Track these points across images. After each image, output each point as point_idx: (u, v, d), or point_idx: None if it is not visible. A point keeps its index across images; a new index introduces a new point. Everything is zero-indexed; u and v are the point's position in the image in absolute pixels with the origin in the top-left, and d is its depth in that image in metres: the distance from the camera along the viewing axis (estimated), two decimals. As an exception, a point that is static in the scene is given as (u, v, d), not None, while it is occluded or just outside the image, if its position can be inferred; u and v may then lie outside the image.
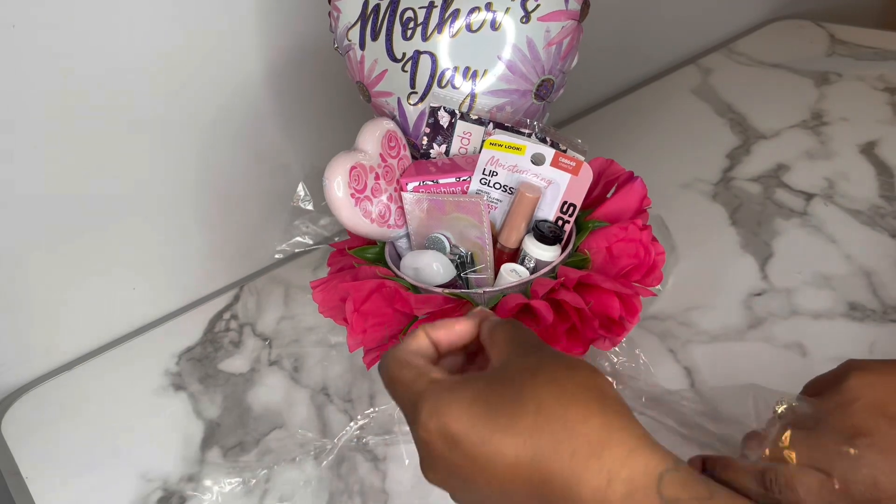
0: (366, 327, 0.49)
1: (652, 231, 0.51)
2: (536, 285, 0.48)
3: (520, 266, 0.51)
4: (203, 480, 0.56)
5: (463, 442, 0.31)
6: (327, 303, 0.53)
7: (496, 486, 0.31)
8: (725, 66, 0.99)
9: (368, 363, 0.51)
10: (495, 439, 0.30)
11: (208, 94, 0.65)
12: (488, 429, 0.31)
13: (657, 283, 0.51)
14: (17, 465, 0.60)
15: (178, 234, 0.71)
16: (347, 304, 0.49)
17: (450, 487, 0.34)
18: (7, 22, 0.53)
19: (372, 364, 0.50)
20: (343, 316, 0.52)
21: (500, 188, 0.52)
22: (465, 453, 0.31)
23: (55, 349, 0.69)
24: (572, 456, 0.29)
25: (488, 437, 0.31)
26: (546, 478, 0.30)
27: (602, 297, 0.47)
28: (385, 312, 0.50)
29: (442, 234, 0.53)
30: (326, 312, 0.53)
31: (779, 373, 0.55)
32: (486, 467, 0.31)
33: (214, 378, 0.65)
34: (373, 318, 0.49)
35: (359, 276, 0.52)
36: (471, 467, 0.31)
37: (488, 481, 0.31)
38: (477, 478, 0.31)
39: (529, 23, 0.50)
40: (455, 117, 0.53)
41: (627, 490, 0.29)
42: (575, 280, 0.48)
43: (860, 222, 0.68)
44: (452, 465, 0.32)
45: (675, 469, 0.29)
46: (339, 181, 0.48)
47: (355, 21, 0.52)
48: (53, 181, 0.61)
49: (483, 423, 0.31)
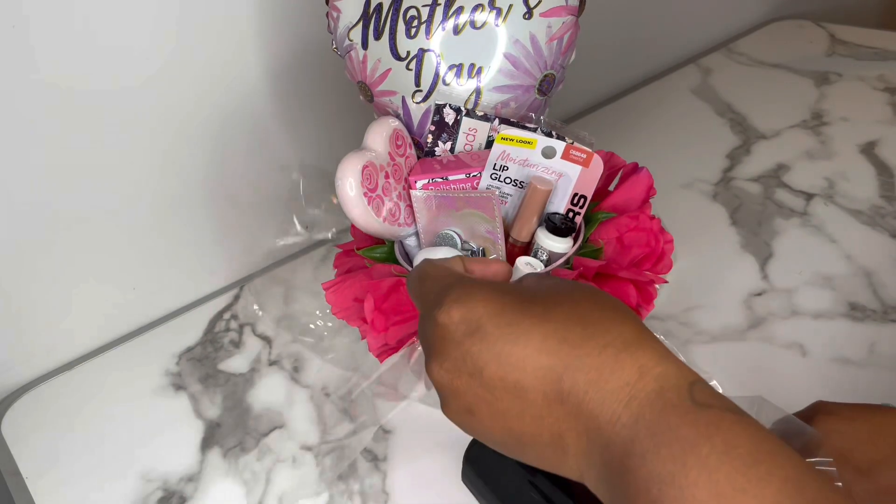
0: (388, 325, 0.49)
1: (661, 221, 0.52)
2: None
3: (534, 259, 0.51)
4: (203, 480, 0.56)
5: (486, 327, 0.30)
6: (341, 304, 0.53)
7: (511, 383, 0.29)
8: (725, 66, 0.99)
9: (382, 357, 0.50)
10: (524, 324, 0.29)
11: (208, 94, 0.65)
12: (517, 313, 0.30)
13: (667, 271, 0.51)
14: (16, 465, 0.60)
15: (177, 235, 0.71)
16: (367, 304, 0.49)
17: (456, 389, 0.31)
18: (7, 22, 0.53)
19: (384, 357, 0.50)
20: (358, 316, 0.52)
21: (510, 183, 0.53)
22: (485, 341, 0.29)
23: (55, 349, 0.69)
24: (604, 348, 0.28)
25: (517, 321, 0.29)
26: (572, 368, 0.28)
27: (618, 286, 0.48)
28: (405, 310, 0.50)
29: (452, 231, 0.53)
30: (340, 314, 0.53)
31: (779, 373, 0.55)
32: (503, 357, 0.29)
33: (214, 378, 0.65)
34: (394, 316, 0.49)
35: (374, 276, 0.52)
36: (486, 359, 0.29)
37: (503, 377, 0.29)
38: (492, 373, 0.29)
39: (532, 18, 0.51)
40: (460, 114, 0.54)
41: (659, 386, 0.27)
42: (594, 270, 0.48)
43: (860, 222, 0.68)
44: (467, 356, 0.30)
45: (706, 382, 0.28)
46: (352, 181, 0.48)
47: (357, 21, 0.52)
48: (53, 181, 0.61)
49: (512, 309, 0.30)
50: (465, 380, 0.30)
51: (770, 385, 0.54)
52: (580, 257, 0.51)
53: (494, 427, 0.31)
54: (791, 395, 0.53)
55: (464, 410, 0.31)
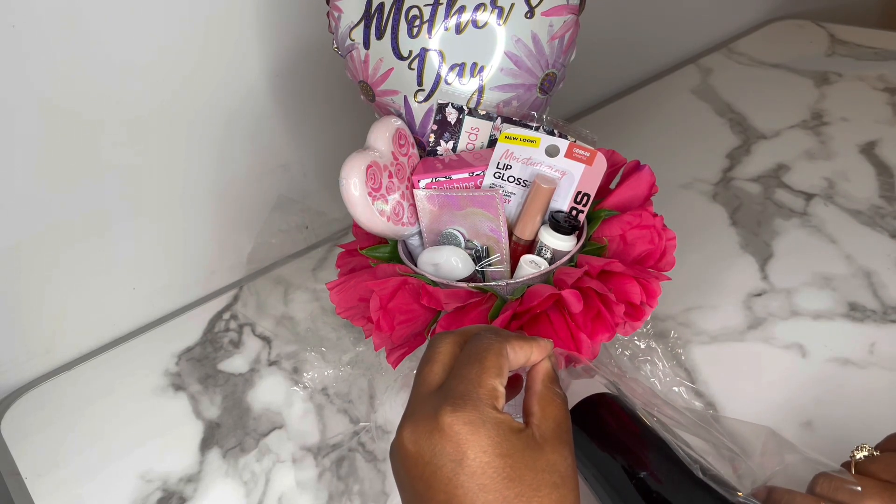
0: (394, 325, 0.49)
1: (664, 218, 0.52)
2: (561, 274, 0.49)
3: (538, 257, 0.51)
4: (202, 481, 0.56)
5: (465, 461, 0.32)
6: (345, 303, 0.53)
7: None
8: (725, 66, 0.99)
9: (394, 361, 0.50)
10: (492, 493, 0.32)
11: (208, 94, 0.65)
12: (496, 483, 0.32)
13: (669, 269, 0.51)
14: (16, 465, 0.60)
15: (177, 234, 0.71)
16: (373, 303, 0.49)
17: (409, 454, 0.34)
18: (7, 22, 0.53)
19: (398, 362, 0.50)
20: (363, 315, 0.51)
21: (514, 181, 0.53)
22: (454, 466, 0.32)
23: (55, 349, 0.69)
24: None
25: (491, 487, 0.32)
26: None
27: (623, 283, 0.48)
28: (411, 309, 0.50)
29: (456, 230, 0.53)
30: (344, 313, 0.53)
31: (779, 373, 0.55)
32: (451, 484, 0.32)
33: (214, 378, 0.65)
34: (399, 316, 0.49)
35: (378, 275, 0.51)
36: (441, 473, 0.32)
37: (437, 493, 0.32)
38: (433, 483, 0.32)
39: (534, 17, 0.51)
40: (463, 113, 0.54)
41: None
42: (599, 268, 0.48)
43: (860, 222, 0.68)
44: (433, 455, 0.33)
45: None
46: (356, 181, 0.48)
47: (358, 20, 0.52)
48: (53, 181, 0.61)
49: (497, 473, 0.32)
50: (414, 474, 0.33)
51: (770, 385, 0.54)
52: (584, 255, 0.51)
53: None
54: (791, 397, 0.53)
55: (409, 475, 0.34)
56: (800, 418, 0.51)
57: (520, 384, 0.42)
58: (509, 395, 0.38)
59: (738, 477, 0.43)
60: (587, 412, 0.43)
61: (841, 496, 0.38)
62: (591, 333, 0.47)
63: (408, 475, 0.34)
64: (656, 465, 0.39)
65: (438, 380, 0.36)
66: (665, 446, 0.40)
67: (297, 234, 0.77)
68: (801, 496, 0.38)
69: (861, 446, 0.41)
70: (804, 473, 0.40)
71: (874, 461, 0.40)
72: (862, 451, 0.41)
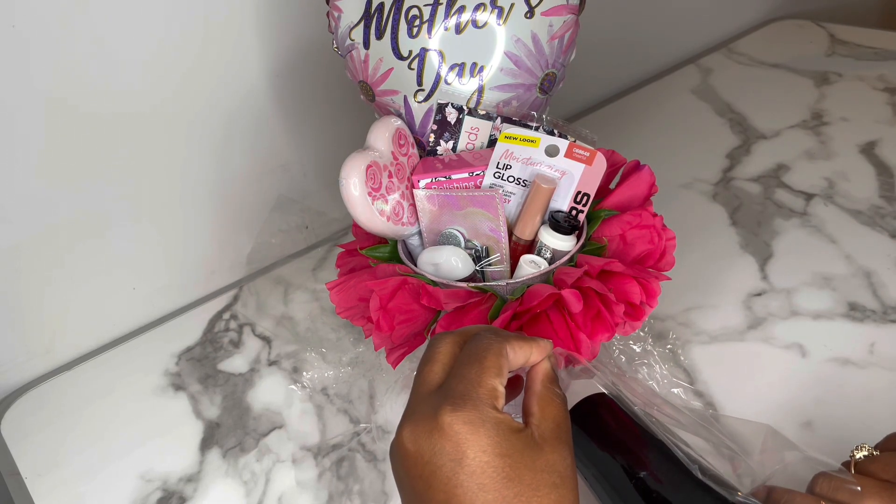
0: (393, 324, 0.49)
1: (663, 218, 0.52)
2: (561, 274, 0.49)
3: (538, 257, 0.51)
4: (202, 481, 0.56)
5: (465, 461, 0.32)
6: (345, 303, 0.53)
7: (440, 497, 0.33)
8: (725, 66, 0.99)
9: (394, 361, 0.50)
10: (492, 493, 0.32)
11: (208, 94, 0.65)
12: (496, 482, 0.32)
13: (669, 268, 0.51)
14: (16, 465, 0.60)
15: (177, 234, 0.71)
16: (372, 302, 0.49)
17: (408, 453, 0.34)
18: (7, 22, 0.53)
19: (398, 362, 0.50)
20: (363, 315, 0.51)
21: (513, 181, 0.53)
22: (454, 465, 0.32)
23: (55, 349, 0.69)
24: None
25: (490, 487, 0.32)
26: None
27: (622, 283, 0.48)
28: (411, 309, 0.50)
29: (456, 230, 0.53)
30: (344, 313, 0.53)
31: (779, 373, 0.55)
32: (450, 484, 0.32)
33: (214, 378, 0.65)
34: (399, 315, 0.49)
35: (378, 275, 0.51)
36: (440, 472, 0.32)
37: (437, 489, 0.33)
38: (432, 481, 0.33)
39: (534, 17, 0.51)
40: (462, 113, 0.54)
41: None
42: (599, 268, 0.48)
43: (860, 222, 0.68)
44: (433, 455, 0.33)
45: None
46: (356, 181, 0.48)
47: (358, 20, 0.52)
48: (53, 181, 0.61)
49: (496, 473, 0.32)
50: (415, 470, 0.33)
51: (770, 385, 0.54)
52: (584, 255, 0.51)
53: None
54: (791, 396, 0.53)
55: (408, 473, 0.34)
56: (800, 418, 0.51)
57: (520, 384, 0.42)
58: (509, 396, 0.38)
59: (737, 476, 0.43)
60: (587, 412, 0.43)
61: (841, 496, 0.38)
62: (590, 333, 0.47)
63: (407, 475, 0.34)
64: (656, 464, 0.40)
65: (438, 380, 0.36)
66: (664, 446, 0.40)
67: (297, 234, 0.77)
68: (801, 496, 0.38)
69: (861, 446, 0.41)
70: (804, 473, 0.40)
71: (874, 461, 0.40)
72: (862, 451, 0.41)
